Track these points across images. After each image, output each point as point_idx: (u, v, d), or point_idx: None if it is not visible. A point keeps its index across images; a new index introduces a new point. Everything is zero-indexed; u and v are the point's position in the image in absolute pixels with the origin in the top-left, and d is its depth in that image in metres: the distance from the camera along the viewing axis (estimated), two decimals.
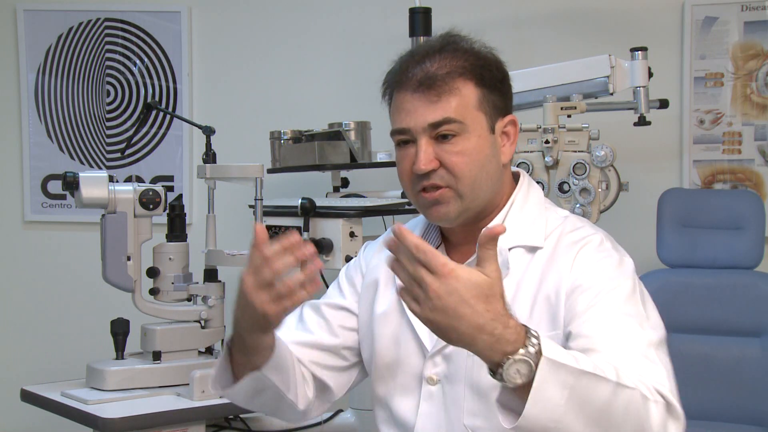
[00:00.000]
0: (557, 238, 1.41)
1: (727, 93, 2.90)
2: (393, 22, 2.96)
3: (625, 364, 1.19)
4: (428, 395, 1.43)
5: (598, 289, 1.32)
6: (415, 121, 1.39)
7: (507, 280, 1.37)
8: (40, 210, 3.26)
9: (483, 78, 1.41)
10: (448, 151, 1.38)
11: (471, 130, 1.39)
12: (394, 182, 2.80)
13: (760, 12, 2.86)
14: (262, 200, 2.28)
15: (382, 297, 1.51)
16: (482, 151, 1.40)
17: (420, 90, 1.39)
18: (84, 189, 2.16)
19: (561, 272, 1.36)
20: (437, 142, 1.39)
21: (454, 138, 1.38)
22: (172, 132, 3.22)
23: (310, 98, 3.14)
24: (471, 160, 1.39)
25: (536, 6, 3.01)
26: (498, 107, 1.43)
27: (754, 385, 2.48)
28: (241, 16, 3.21)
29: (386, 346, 1.48)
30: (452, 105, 1.38)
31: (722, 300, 2.53)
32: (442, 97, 1.38)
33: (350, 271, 1.60)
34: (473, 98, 1.40)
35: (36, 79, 3.24)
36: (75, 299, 3.23)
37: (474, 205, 1.42)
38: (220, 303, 2.31)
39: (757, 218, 2.56)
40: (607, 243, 1.41)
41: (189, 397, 2.11)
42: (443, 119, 1.38)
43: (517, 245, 1.42)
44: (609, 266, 1.35)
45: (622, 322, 1.28)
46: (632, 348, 1.24)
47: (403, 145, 1.44)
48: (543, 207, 1.48)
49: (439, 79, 1.38)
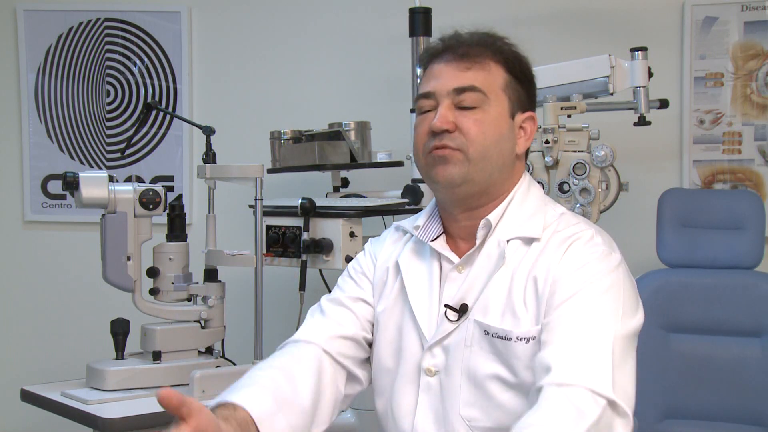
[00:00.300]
0: (552, 233, 1.44)
1: (727, 93, 2.90)
2: (393, 22, 2.96)
3: (567, 364, 1.24)
4: (426, 387, 1.45)
5: (576, 285, 1.34)
6: (441, 85, 1.44)
7: (502, 271, 1.41)
8: (40, 210, 3.26)
9: (513, 68, 1.47)
10: (467, 117, 1.43)
11: (492, 105, 1.44)
12: (394, 182, 2.82)
13: (760, 12, 2.86)
14: (262, 200, 2.28)
15: (388, 290, 1.54)
16: (499, 127, 1.44)
17: (453, 59, 1.45)
18: (84, 189, 2.16)
19: (549, 265, 1.38)
20: (458, 111, 1.43)
21: (474, 109, 1.43)
22: (172, 132, 3.22)
23: (310, 98, 3.14)
24: (486, 130, 1.43)
25: (536, 6, 3.01)
26: (521, 100, 1.49)
27: (754, 385, 2.48)
28: (241, 16, 3.21)
29: (389, 338, 1.51)
30: (480, 76, 1.44)
31: (722, 300, 2.53)
32: (472, 68, 1.44)
33: (361, 264, 1.61)
34: (500, 79, 1.46)
35: (36, 79, 3.24)
36: (75, 299, 3.24)
37: (479, 178, 1.44)
38: (220, 303, 2.31)
39: (757, 218, 2.56)
40: (598, 238, 1.42)
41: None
42: (468, 86, 1.43)
43: (515, 237, 1.44)
44: (592, 260, 1.37)
45: (587, 317, 1.30)
46: (585, 346, 1.26)
47: (425, 114, 1.47)
48: (542, 202, 1.50)
49: (473, 53, 1.45)
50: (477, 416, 1.40)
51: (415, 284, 1.50)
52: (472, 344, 1.40)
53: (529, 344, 1.36)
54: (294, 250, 2.44)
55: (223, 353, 2.35)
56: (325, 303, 1.57)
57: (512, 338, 1.37)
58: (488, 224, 1.45)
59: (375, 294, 1.57)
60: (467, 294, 1.43)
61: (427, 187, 2.63)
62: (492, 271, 1.42)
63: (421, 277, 1.50)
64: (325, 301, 1.58)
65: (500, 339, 1.38)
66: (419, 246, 1.54)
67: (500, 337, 1.38)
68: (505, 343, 1.37)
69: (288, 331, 1.49)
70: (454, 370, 1.42)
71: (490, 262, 1.43)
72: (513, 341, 1.37)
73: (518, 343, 1.36)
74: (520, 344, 1.36)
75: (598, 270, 1.36)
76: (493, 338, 1.39)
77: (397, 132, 2.85)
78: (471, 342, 1.40)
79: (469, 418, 1.40)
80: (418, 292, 1.49)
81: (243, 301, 2.52)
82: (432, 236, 1.51)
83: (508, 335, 1.37)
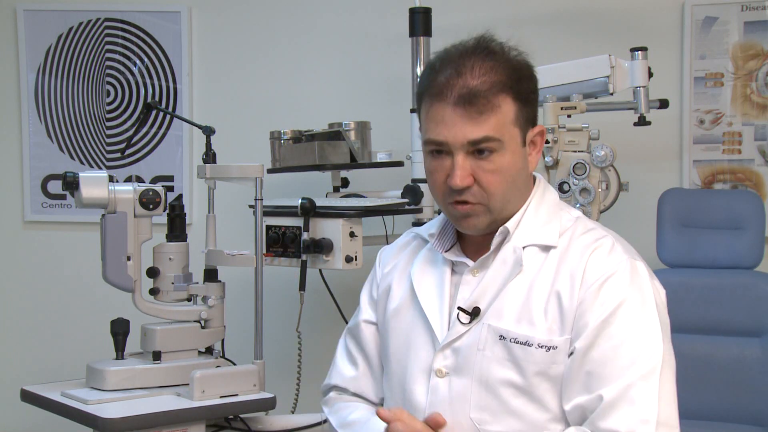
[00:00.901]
0: (569, 239, 1.45)
1: (727, 93, 2.90)
2: (393, 22, 2.96)
3: (614, 410, 1.30)
4: (435, 388, 1.45)
5: (606, 308, 1.36)
6: (454, 137, 1.40)
7: (520, 278, 1.42)
8: (40, 210, 3.26)
9: (520, 92, 1.43)
10: (484, 169, 1.41)
11: (507, 147, 1.42)
12: (393, 182, 2.82)
13: (760, 12, 2.86)
14: (262, 200, 2.27)
15: (396, 294, 1.56)
16: (515, 166, 1.43)
17: (461, 105, 1.39)
18: (84, 189, 2.15)
19: (573, 275, 1.40)
20: (473, 157, 1.41)
21: (490, 155, 1.40)
22: (172, 132, 3.22)
23: (310, 98, 3.14)
24: (504, 178, 1.42)
25: (536, 6, 3.01)
26: (529, 118, 1.47)
27: (754, 385, 2.48)
28: (241, 16, 3.21)
29: (399, 340, 1.53)
30: (492, 123, 1.39)
31: (722, 300, 2.53)
32: (483, 115, 1.39)
33: (369, 287, 1.67)
34: (511, 114, 1.42)
35: (36, 79, 3.24)
36: (75, 299, 3.24)
37: (501, 217, 1.46)
38: (220, 303, 2.31)
39: (757, 218, 2.56)
40: (618, 246, 1.44)
41: (189, 397, 2.11)
42: (483, 137, 1.39)
43: (531, 244, 1.45)
44: (620, 278, 1.39)
45: (621, 356, 1.34)
46: (631, 387, 1.31)
47: (437, 154, 1.44)
48: (557, 208, 1.51)
49: (482, 96, 1.38)
50: (488, 419, 1.40)
51: (426, 286, 1.51)
52: (484, 348, 1.41)
53: (549, 353, 1.37)
54: (294, 250, 2.44)
55: (223, 353, 2.35)
56: (349, 339, 1.68)
57: (533, 344, 1.38)
58: (506, 231, 1.47)
59: (378, 308, 1.61)
60: (480, 298, 1.44)
61: (427, 187, 2.64)
62: (507, 277, 1.43)
63: (432, 280, 1.52)
64: (348, 336, 1.68)
65: (519, 344, 1.39)
66: (433, 252, 1.56)
67: (520, 342, 1.39)
68: (525, 348, 1.38)
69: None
70: (465, 373, 1.42)
71: (506, 268, 1.44)
72: (534, 347, 1.38)
73: (539, 350, 1.38)
74: (540, 351, 1.38)
75: (625, 287, 1.38)
76: (510, 343, 1.39)
77: (397, 132, 2.85)
78: (484, 346, 1.41)
79: (479, 422, 1.41)
80: (429, 294, 1.50)
81: (243, 301, 2.52)
82: (446, 247, 1.54)
83: (529, 341, 1.38)
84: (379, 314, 1.61)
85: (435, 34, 2.71)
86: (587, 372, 1.34)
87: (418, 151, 2.68)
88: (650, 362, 1.34)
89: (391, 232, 2.64)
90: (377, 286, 1.64)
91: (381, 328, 1.59)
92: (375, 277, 1.66)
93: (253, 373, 2.17)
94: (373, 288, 1.65)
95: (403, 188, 2.59)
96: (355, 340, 1.65)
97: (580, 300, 1.37)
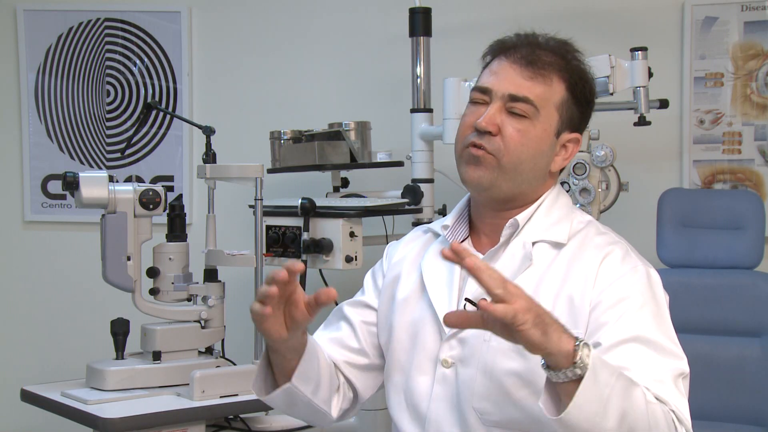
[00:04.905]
0: (581, 240, 1.46)
1: (727, 93, 2.90)
2: (393, 22, 2.96)
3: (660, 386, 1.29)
4: (442, 378, 1.46)
5: (625, 308, 1.36)
6: (499, 85, 1.44)
7: (529, 272, 1.43)
8: (40, 210, 3.26)
9: (575, 88, 1.47)
10: (512, 124, 1.43)
11: (541, 120, 1.44)
12: (394, 182, 2.82)
13: (760, 12, 2.86)
14: (262, 200, 2.28)
15: (404, 285, 1.56)
16: (540, 143, 1.45)
17: (519, 62, 1.44)
18: (84, 189, 2.16)
19: (586, 276, 1.40)
20: (507, 114, 1.43)
21: (522, 119, 1.43)
22: (172, 132, 3.22)
23: (310, 98, 3.14)
24: (526, 142, 1.43)
25: (536, 6, 3.01)
26: (573, 120, 1.48)
27: (754, 385, 2.48)
28: (241, 16, 3.21)
29: (405, 331, 1.53)
30: (538, 91, 1.43)
31: (722, 300, 2.53)
32: (534, 78, 1.43)
33: (374, 272, 1.66)
34: (558, 96, 1.45)
35: (36, 79, 3.24)
36: (75, 299, 3.23)
37: (506, 187, 1.45)
38: (220, 303, 2.31)
39: (757, 218, 2.56)
40: (632, 254, 1.45)
41: (189, 397, 2.11)
42: (523, 97, 1.42)
43: (542, 240, 1.46)
44: (637, 282, 1.40)
45: (651, 349, 1.34)
46: (662, 379, 1.31)
47: (477, 104, 1.47)
48: (570, 210, 1.52)
49: (541, 63, 1.43)
50: (490, 410, 1.40)
51: (435, 277, 1.51)
52: (490, 339, 1.41)
53: None
54: (294, 250, 2.44)
55: (223, 353, 2.35)
56: (334, 311, 1.65)
57: None
58: (515, 224, 1.47)
59: (383, 296, 1.60)
60: None
61: (427, 187, 2.64)
62: (516, 272, 1.44)
63: (442, 271, 1.52)
64: (334, 310, 1.65)
65: None
66: (444, 245, 1.55)
67: None
68: None
69: None
70: (470, 363, 1.43)
71: (515, 262, 1.45)
72: None
73: None
74: None
75: (642, 291, 1.40)
76: None
77: (397, 132, 2.85)
78: (490, 337, 1.40)
79: (481, 411, 1.41)
80: (438, 285, 1.50)
81: (243, 301, 2.51)
82: (459, 238, 1.54)
83: None
84: (384, 303, 1.60)
85: (435, 34, 2.71)
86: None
87: (418, 151, 2.68)
88: (678, 364, 1.35)
89: (391, 232, 2.64)
90: (383, 276, 1.63)
91: (384, 319, 1.58)
92: (381, 267, 1.65)
93: (253, 373, 2.17)
94: (378, 276, 1.64)
95: (403, 188, 2.59)
96: (339, 313, 1.64)
97: (593, 303, 1.37)
